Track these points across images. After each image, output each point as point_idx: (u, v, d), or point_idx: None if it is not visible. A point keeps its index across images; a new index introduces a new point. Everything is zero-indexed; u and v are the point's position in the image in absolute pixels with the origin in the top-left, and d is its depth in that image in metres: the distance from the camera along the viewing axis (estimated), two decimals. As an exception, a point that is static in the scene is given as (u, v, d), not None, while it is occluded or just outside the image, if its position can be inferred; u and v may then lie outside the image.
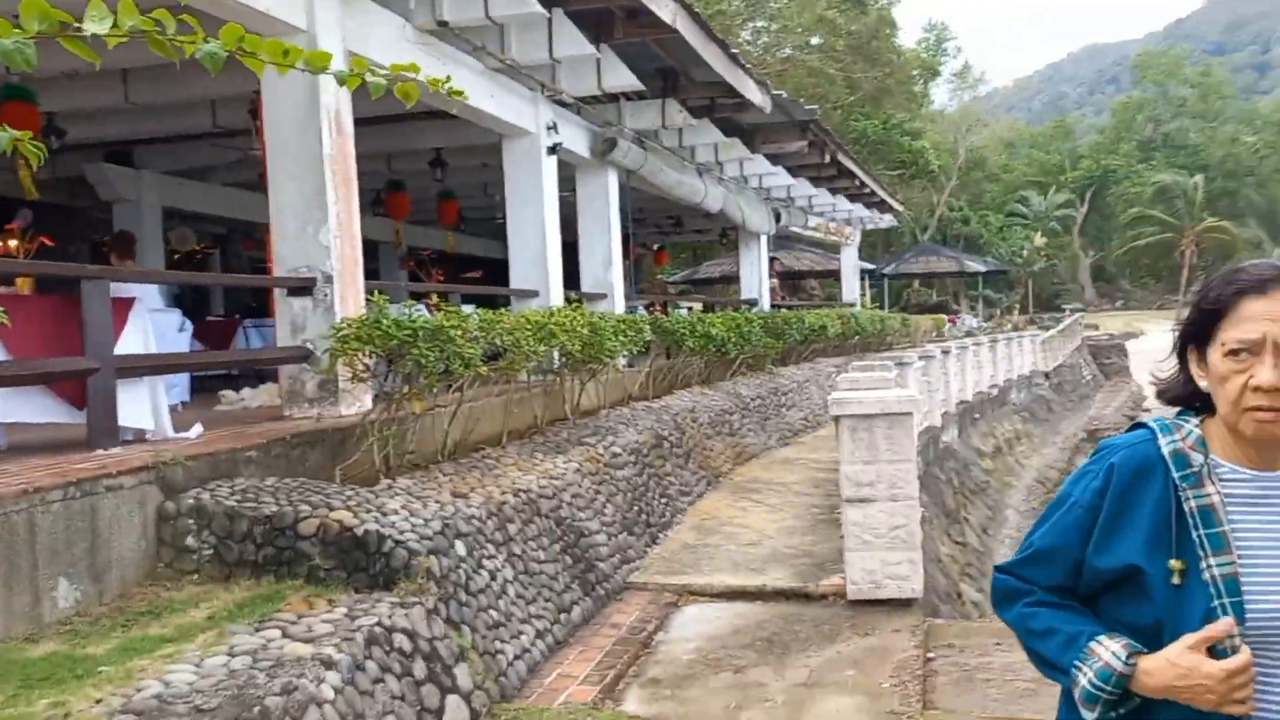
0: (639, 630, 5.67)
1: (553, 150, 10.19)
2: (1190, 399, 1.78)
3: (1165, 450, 1.72)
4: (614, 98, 11.34)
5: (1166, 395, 1.84)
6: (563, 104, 10.52)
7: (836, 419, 6.13)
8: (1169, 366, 1.83)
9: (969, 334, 25.24)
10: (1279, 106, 72.13)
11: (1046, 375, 26.13)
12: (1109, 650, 1.67)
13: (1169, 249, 62.55)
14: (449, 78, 1.80)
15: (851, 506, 5.96)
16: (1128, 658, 1.65)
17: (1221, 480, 1.70)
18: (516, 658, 4.87)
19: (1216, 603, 1.64)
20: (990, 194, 61.26)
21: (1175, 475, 1.70)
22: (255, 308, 14.58)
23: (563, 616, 5.56)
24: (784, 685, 4.90)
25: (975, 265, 38.18)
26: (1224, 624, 1.60)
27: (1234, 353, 1.63)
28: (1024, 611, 1.83)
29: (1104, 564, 1.73)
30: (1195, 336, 1.73)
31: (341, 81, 1.77)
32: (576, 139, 11.05)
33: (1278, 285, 1.63)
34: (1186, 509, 1.68)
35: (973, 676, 5.08)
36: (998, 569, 1.92)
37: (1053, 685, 5.86)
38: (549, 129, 10.15)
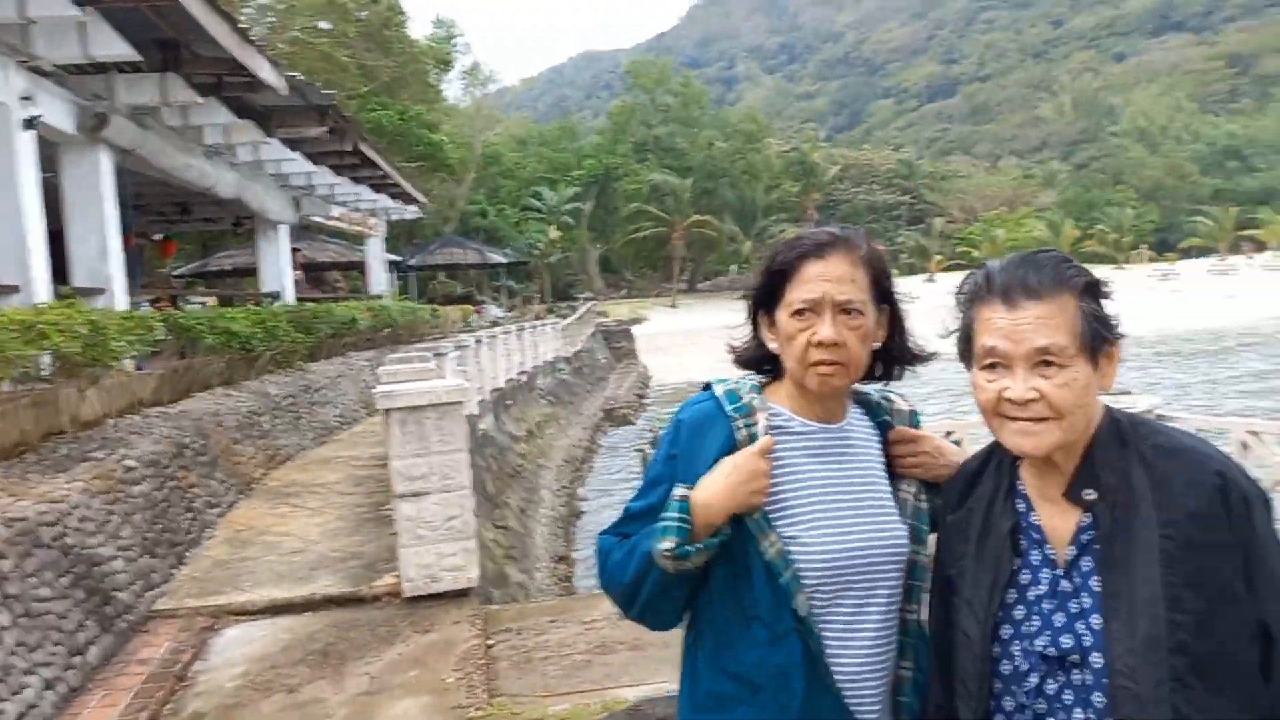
0: (173, 662, 5.08)
1: (29, 124, 8.78)
2: (762, 361, 1.91)
3: (719, 391, 1.85)
4: (105, 68, 10.05)
5: (741, 359, 1.95)
6: (41, 72, 9.11)
7: (386, 412, 5.91)
8: (743, 334, 1.93)
9: (495, 323, 25.96)
10: (745, 116, 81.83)
11: (568, 360, 27.67)
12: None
13: (663, 241, 69.23)
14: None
15: (404, 501, 5.78)
16: (689, 487, 1.75)
17: (793, 434, 1.82)
18: (21, 716, 4.12)
19: (763, 536, 1.74)
20: (507, 189, 63.31)
21: (728, 408, 1.81)
22: None
23: (77, 659, 4.81)
24: (344, 698, 4.63)
25: (496, 257, 39.44)
26: (762, 442, 1.75)
27: (799, 312, 1.76)
28: (611, 550, 1.85)
29: None
30: (764, 301, 1.84)
31: None
32: (60, 113, 9.63)
33: (834, 249, 1.78)
34: (738, 437, 1.78)
35: (531, 657, 5.16)
36: (601, 534, 1.91)
37: (605, 653, 6.04)
38: (23, 100, 8.73)
